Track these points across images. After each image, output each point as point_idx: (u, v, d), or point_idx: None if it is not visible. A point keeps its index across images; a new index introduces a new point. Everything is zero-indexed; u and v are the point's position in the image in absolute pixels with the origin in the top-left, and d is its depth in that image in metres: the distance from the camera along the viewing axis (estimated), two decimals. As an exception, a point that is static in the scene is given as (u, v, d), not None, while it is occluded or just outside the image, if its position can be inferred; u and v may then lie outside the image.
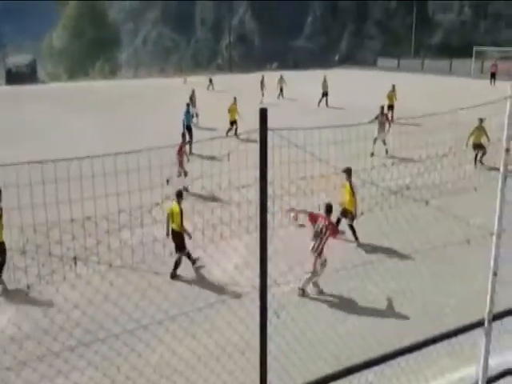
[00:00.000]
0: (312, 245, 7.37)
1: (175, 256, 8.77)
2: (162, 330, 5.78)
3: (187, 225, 6.79)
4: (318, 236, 7.37)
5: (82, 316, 5.93)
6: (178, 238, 8.75)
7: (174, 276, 8.70)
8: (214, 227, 4.95)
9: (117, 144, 10.34)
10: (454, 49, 56.74)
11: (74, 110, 30.33)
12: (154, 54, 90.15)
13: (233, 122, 19.73)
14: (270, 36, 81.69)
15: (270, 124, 2.80)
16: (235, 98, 20.58)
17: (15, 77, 51.67)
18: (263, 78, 32.20)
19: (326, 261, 7.46)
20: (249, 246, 4.72)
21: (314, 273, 7.37)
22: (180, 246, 8.77)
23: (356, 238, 9.22)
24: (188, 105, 19.60)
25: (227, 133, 19.28)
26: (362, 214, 5.05)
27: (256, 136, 2.87)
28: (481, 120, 16.22)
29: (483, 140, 15.33)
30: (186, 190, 11.85)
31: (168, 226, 8.68)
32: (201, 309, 5.27)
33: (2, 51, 68.50)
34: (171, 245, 4.63)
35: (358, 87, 31.51)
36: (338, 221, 9.52)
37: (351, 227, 9.27)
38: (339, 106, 25.40)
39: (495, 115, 4.86)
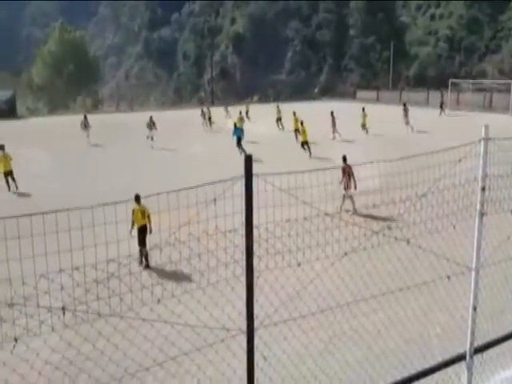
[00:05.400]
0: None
1: (140, 251, 10.36)
2: (151, 378, 5.76)
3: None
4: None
5: (69, 365, 5.87)
6: (144, 233, 10.74)
7: (147, 266, 10.51)
8: (202, 273, 5.02)
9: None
10: (431, 81, 58.40)
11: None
12: (136, 88, 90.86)
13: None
14: (251, 70, 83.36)
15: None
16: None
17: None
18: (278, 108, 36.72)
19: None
20: (236, 289, 4.81)
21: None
22: (144, 241, 10.65)
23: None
24: (235, 124, 27.72)
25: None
26: (345, 253, 5.19)
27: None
28: (363, 108, 30.49)
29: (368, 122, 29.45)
30: None
31: (132, 225, 10.68)
32: (187, 353, 5.29)
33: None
34: (158, 291, 4.70)
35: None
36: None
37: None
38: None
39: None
